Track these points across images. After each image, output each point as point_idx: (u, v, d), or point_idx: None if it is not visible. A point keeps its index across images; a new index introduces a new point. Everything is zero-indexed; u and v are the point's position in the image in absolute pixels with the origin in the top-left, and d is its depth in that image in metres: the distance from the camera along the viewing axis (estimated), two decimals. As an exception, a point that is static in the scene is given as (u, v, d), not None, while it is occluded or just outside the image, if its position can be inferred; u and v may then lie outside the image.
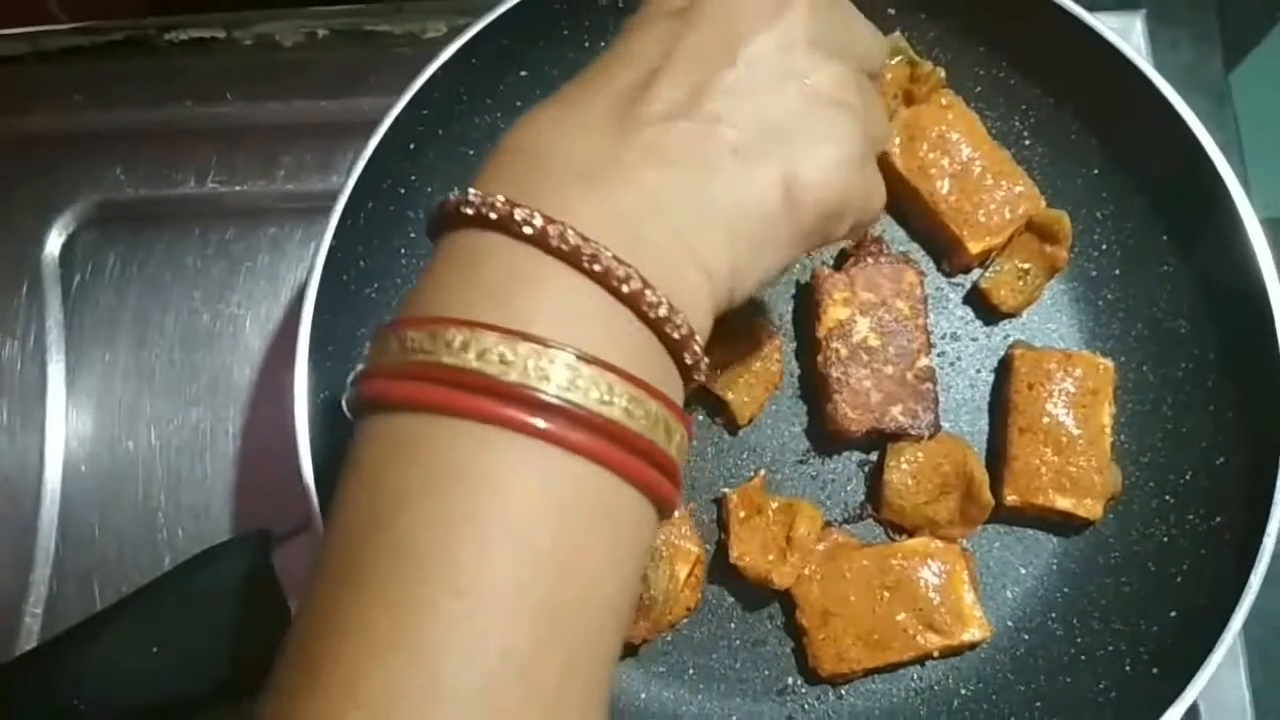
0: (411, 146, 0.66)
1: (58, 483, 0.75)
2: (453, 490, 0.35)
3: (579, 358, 0.36)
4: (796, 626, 0.65)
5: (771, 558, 0.64)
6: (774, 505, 0.65)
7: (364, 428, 0.39)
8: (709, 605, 0.66)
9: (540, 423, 0.35)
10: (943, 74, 0.69)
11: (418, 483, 0.36)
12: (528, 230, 0.37)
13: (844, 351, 0.66)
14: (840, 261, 0.70)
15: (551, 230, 0.37)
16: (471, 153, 0.70)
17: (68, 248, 0.79)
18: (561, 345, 0.36)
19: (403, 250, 0.68)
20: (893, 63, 0.70)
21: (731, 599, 0.67)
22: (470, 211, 0.39)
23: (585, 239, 0.37)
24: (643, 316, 0.38)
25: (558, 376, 0.35)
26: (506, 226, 0.38)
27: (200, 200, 0.80)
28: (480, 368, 0.35)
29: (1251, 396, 0.63)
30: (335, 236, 0.62)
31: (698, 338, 0.40)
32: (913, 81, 0.70)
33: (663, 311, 0.38)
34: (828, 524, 0.66)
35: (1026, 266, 0.68)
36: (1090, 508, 0.64)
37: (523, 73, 0.70)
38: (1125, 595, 0.64)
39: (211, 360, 0.76)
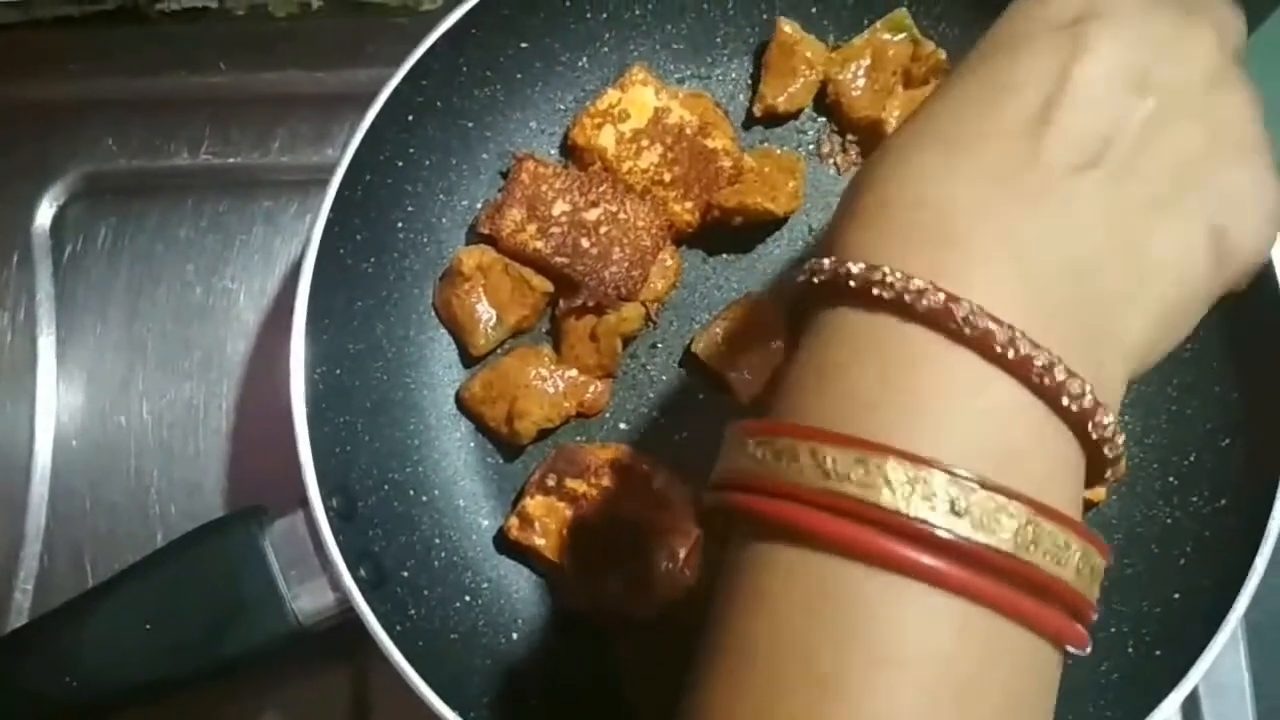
0: (410, 119, 0.65)
1: (48, 457, 0.74)
2: (902, 667, 0.32)
3: (1036, 510, 0.32)
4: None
5: (772, 538, 0.63)
6: (775, 485, 0.65)
7: (774, 561, 0.34)
8: (709, 585, 0.66)
9: (986, 584, 0.32)
10: (944, 55, 0.69)
11: (860, 653, 0.32)
12: (970, 333, 0.33)
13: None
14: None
15: (1000, 336, 0.33)
16: (470, 125, 0.69)
17: (58, 219, 0.78)
18: (1019, 495, 0.32)
19: (400, 224, 0.67)
20: (895, 39, 0.69)
21: (731, 579, 0.66)
22: (888, 296, 0.34)
23: (1038, 347, 0.33)
24: (1082, 434, 0.34)
25: (1010, 532, 0.31)
26: (942, 326, 0.33)
27: (193, 172, 0.78)
28: (929, 519, 0.31)
29: (1256, 378, 0.62)
30: (332, 210, 0.61)
31: (1120, 436, 0.35)
32: (913, 60, 0.69)
33: (1087, 404, 0.33)
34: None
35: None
36: (1094, 490, 0.63)
37: (523, 44, 0.69)
38: (1128, 576, 0.63)
39: (205, 334, 0.75)
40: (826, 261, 0.36)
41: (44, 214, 0.78)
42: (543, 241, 0.66)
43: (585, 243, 0.66)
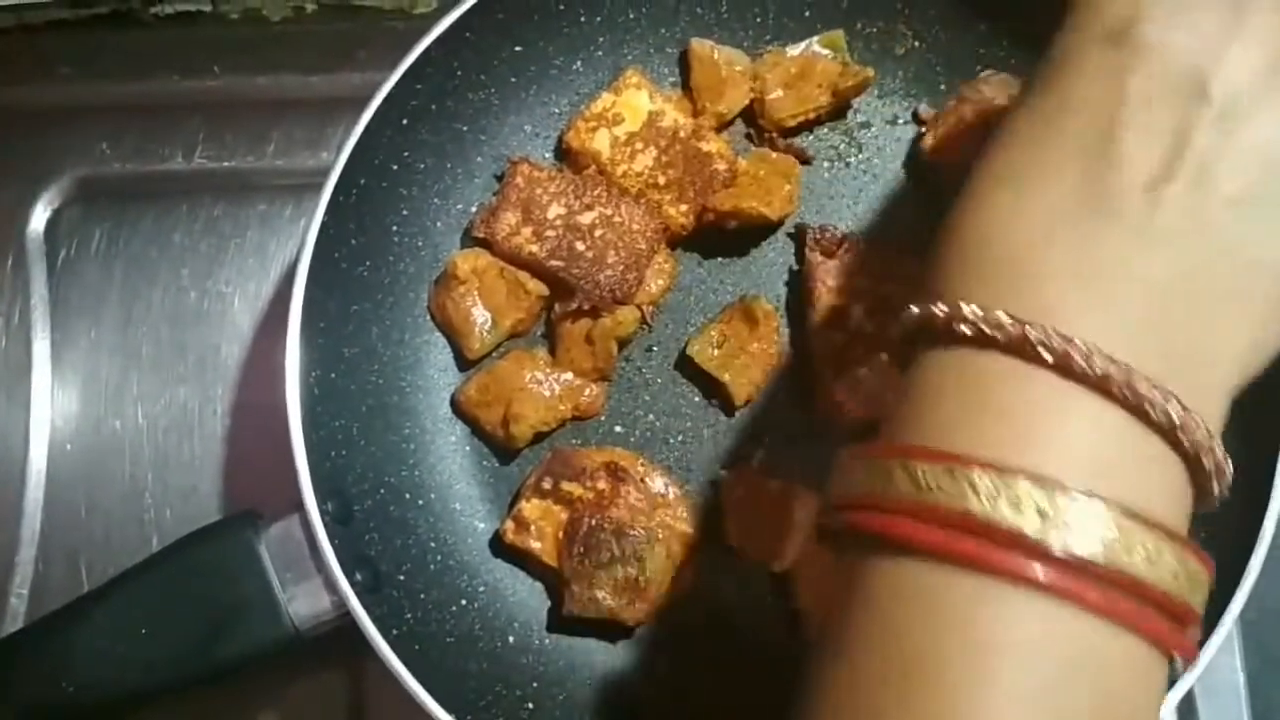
0: (404, 122, 0.65)
1: (43, 462, 0.73)
2: (996, 661, 0.33)
3: (1122, 512, 0.33)
4: (794, 610, 0.64)
5: (769, 540, 0.63)
6: (771, 487, 0.65)
7: (876, 569, 0.36)
8: (705, 588, 0.66)
9: (1074, 585, 0.33)
10: (871, 74, 0.70)
11: (954, 649, 0.33)
12: (1046, 355, 0.34)
13: (838, 339, 0.65)
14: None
15: (1075, 354, 0.33)
16: (465, 129, 0.69)
17: (52, 223, 0.78)
18: (1103, 498, 0.33)
19: (395, 228, 0.67)
20: (827, 56, 0.69)
21: (728, 582, 0.66)
22: (969, 331, 0.35)
23: (1114, 362, 0.33)
24: (1173, 443, 0.35)
25: (1097, 534, 0.32)
26: (1020, 351, 0.34)
27: (188, 176, 0.78)
28: (1015, 522, 0.33)
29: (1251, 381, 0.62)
30: (327, 213, 0.61)
31: (1220, 450, 0.36)
32: (840, 77, 0.70)
33: (1199, 436, 0.34)
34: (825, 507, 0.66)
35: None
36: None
37: (517, 48, 0.69)
38: None
39: (199, 338, 0.75)
40: (938, 308, 0.37)
41: (38, 218, 0.78)
42: (538, 245, 0.66)
43: (580, 246, 0.66)
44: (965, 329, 0.35)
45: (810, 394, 0.68)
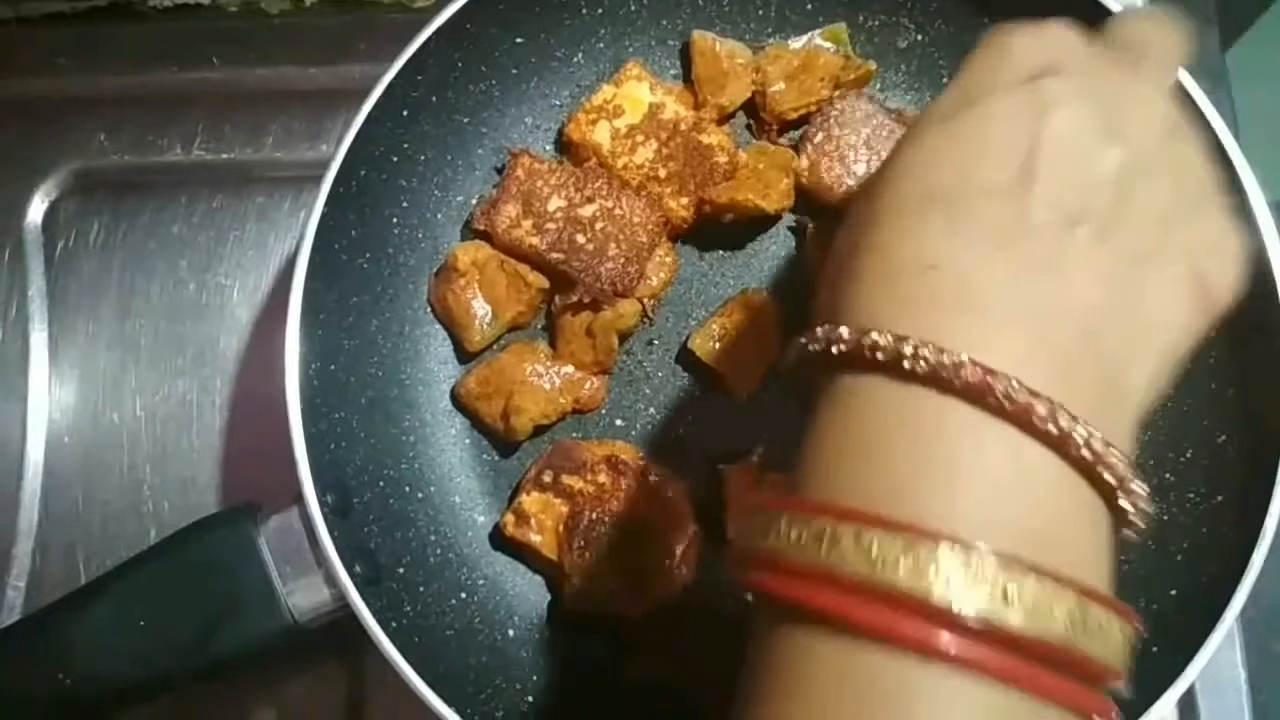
0: (404, 114, 0.65)
1: (40, 455, 0.73)
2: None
3: (1035, 574, 0.31)
4: (793, 604, 0.64)
5: (769, 534, 0.63)
6: (772, 481, 0.65)
7: (796, 640, 0.33)
8: (706, 582, 0.66)
9: (999, 657, 0.31)
10: (873, 67, 0.70)
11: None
12: (960, 384, 0.33)
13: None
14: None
15: (996, 385, 0.33)
16: (466, 121, 0.69)
17: (50, 215, 0.78)
18: (1017, 558, 0.31)
19: (395, 220, 0.67)
20: (829, 50, 0.69)
21: (729, 576, 0.66)
22: (880, 358, 0.34)
23: (1037, 395, 0.33)
24: (1092, 478, 0.34)
25: (1026, 604, 0.31)
26: (934, 380, 0.33)
27: (186, 168, 0.78)
28: (918, 587, 0.31)
29: (1253, 375, 0.62)
30: (326, 205, 0.61)
31: (1140, 483, 0.35)
32: (842, 70, 0.70)
33: (1121, 470, 0.34)
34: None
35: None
36: None
37: (518, 40, 0.69)
38: (1125, 573, 0.62)
39: (198, 331, 0.75)
40: (845, 330, 0.36)
41: (35, 211, 0.78)
42: (538, 237, 0.66)
43: (581, 238, 0.66)
44: (917, 367, 0.34)
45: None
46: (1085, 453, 0.33)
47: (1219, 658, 0.68)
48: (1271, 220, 0.61)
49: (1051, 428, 0.33)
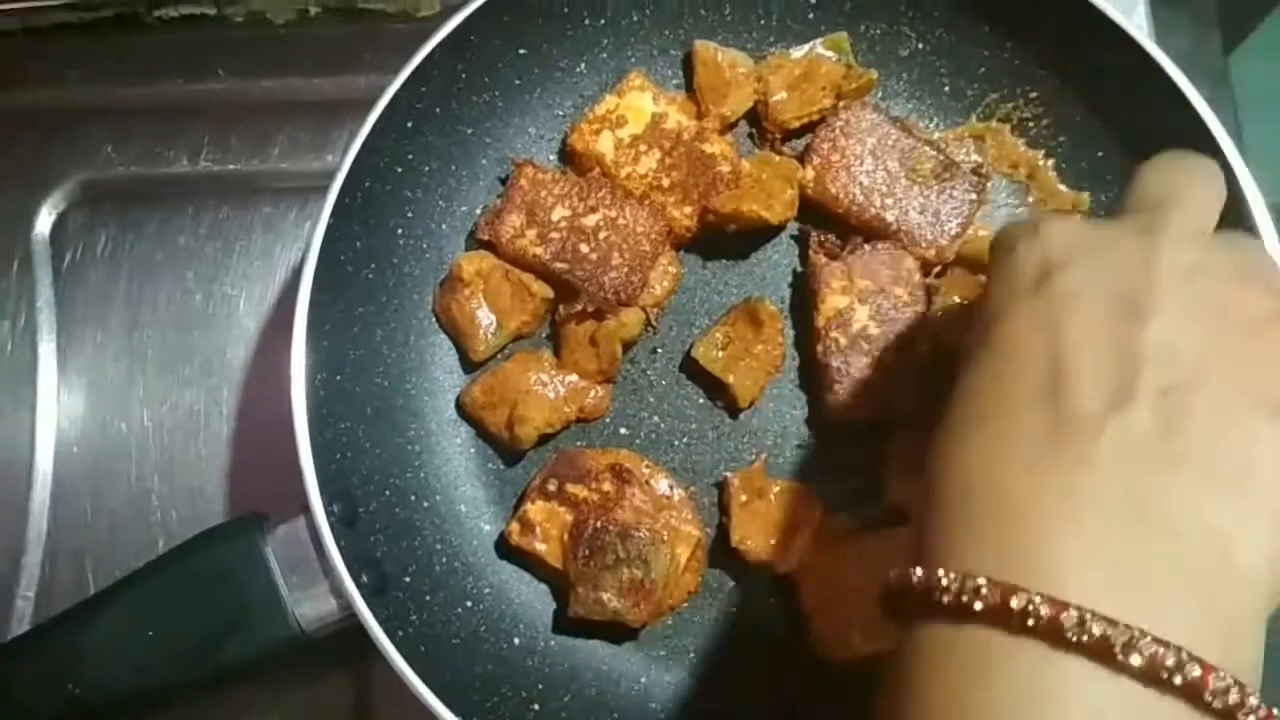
0: (409, 125, 0.66)
1: (49, 464, 0.74)
2: None
3: None
4: (798, 612, 0.64)
5: (773, 542, 0.63)
6: (776, 489, 0.65)
7: None
8: (710, 590, 0.66)
9: None
10: (875, 76, 0.70)
11: None
12: (1030, 622, 0.32)
13: (843, 340, 0.65)
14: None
15: (1066, 619, 0.31)
16: (469, 131, 0.69)
17: (58, 227, 0.78)
18: None
19: (400, 230, 0.67)
20: (832, 59, 0.69)
21: (732, 583, 0.66)
22: (948, 601, 0.34)
23: (1111, 622, 0.31)
24: (1201, 706, 0.31)
25: None
26: (1003, 621, 0.32)
27: (193, 179, 0.79)
28: None
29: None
30: (332, 216, 0.61)
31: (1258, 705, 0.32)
32: (844, 80, 0.70)
33: (1232, 699, 0.31)
34: (829, 508, 0.66)
35: (966, 301, 0.68)
36: None
37: (521, 50, 0.69)
38: None
39: (205, 341, 0.75)
40: (946, 578, 0.35)
41: (43, 222, 0.78)
42: (542, 247, 0.66)
43: (584, 248, 0.66)
44: (945, 599, 0.34)
45: (814, 399, 0.68)
46: (1180, 681, 0.31)
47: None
48: (1271, 223, 0.61)
49: (1136, 658, 0.31)
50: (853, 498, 0.67)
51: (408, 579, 0.62)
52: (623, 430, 0.68)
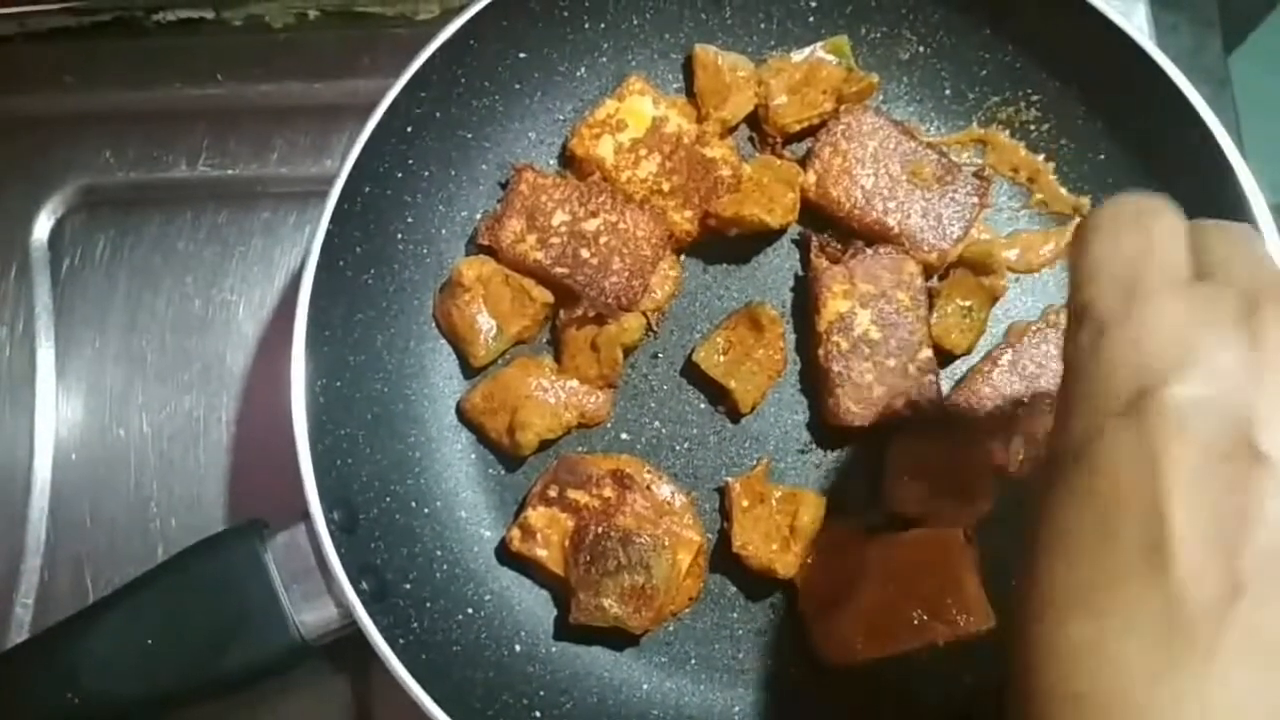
0: (409, 130, 0.65)
1: (48, 471, 0.73)
2: None
3: None
4: (799, 616, 0.64)
5: (774, 547, 0.63)
6: (777, 494, 0.65)
7: None
8: (711, 595, 0.66)
9: None
10: (876, 79, 0.70)
11: None
12: None
13: (845, 345, 0.65)
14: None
15: None
16: (469, 136, 0.69)
17: (56, 232, 0.78)
18: None
19: (400, 235, 0.67)
20: (831, 62, 0.69)
21: (734, 589, 0.66)
22: None
23: None
24: None
25: None
26: None
27: (191, 184, 0.78)
28: None
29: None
30: (331, 221, 0.61)
31: None
32: (845, 83, 0.70)
33: None
34: (830, 513, 0.65)
35: (968, 304, 0.68)
36: None
37: (521, 54, 0.69)
38: None
39: (204, 346, 0.75)
40: None
41: (42, 227, 0.78)
42: (542, 252, 0.66)
43: (585, 253, 0.66)
44: None
45: (815, 404, 0.68)
46: None
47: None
48: (1273, 223, 0.61)
49: None
50: (854, 502, 0.67)
51: (408, 586, 0.62)
52: (624, 435, 0.68)
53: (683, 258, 0.70)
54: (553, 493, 0.64)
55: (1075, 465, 0.34)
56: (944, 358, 0.68)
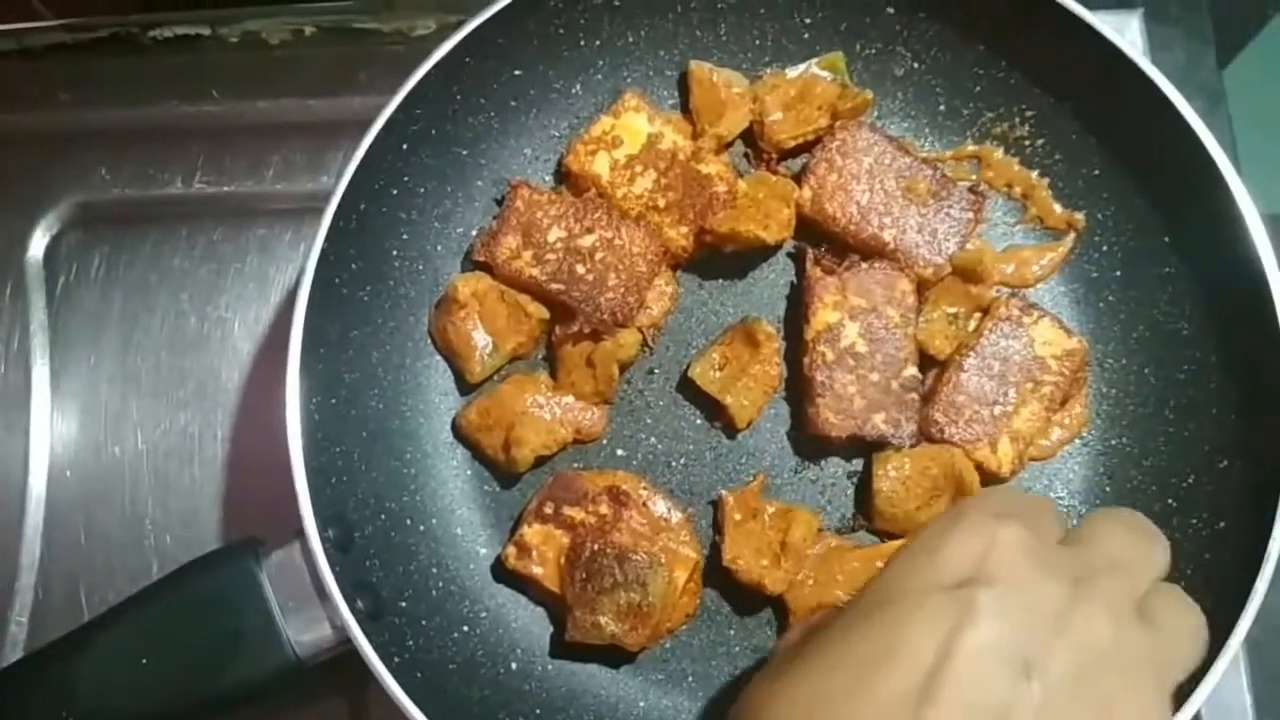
0: (404, 146, 0.65)
1: (43, 488, 0.73)
2: None
3: None
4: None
5: (765, 562, 0.63)
6: (770, 510, 0.65)
7: None
8: (708, 611, 0.66)
9: None
10: (870, 95, 0.70)
11: None
12: None
13: (830, 355, 0.65)
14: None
15: None
16: (465, 152, 0.69)
17: (51, 249, 0.78)
18: None
19: (395, 252, 0.67)
20: (826, 78, 0.69)
21: (729, 606, 0.66)
22: None
23: None
24: None
25: None
26: None
27: (187, 201, 0.78)
28: None
29: (1254, 399, 0.62)
30: (327, 238, 0.61)
31: None
32: (839, 100, 0.70)
33: None
34: (823, 529, 0.65)
35: (955, 311, 0.68)
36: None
37: (517, 71, 0.69)
38: None
39: (199, 363, 0.75)
40: None
41: (37, 244, 0.78)
42: (538, 268, 0.66)
43: (581, 269, 0.66)
44: None
45: (796, 407, 0.68)
46: None
47: (1226, 681, 0.68)
48: (1266, 235, 0.61)
49: None
50: (845, 517, 0.67)
51: (404, 604, 0.62)
52: (620, 452, 0.68)
53: (678, 274, 0.70)
54: (548, 509, 0.63)
55: (878, 610, 0.38)
56: (925, 363, 0.67)
